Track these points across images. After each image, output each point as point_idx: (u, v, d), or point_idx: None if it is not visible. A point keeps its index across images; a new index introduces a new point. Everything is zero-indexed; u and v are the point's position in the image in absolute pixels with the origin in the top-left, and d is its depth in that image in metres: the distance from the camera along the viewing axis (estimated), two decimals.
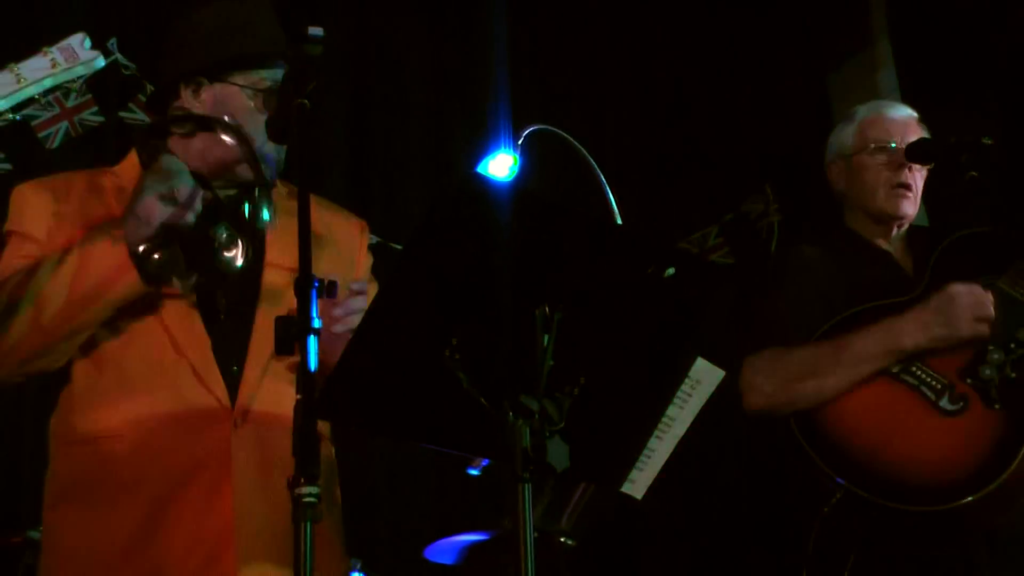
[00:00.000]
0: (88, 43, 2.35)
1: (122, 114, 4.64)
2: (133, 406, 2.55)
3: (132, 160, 2.75)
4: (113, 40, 4.53)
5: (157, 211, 2.43)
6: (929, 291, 3.24)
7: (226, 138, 2.57)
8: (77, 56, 2.33)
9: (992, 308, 3.10)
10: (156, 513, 2.50)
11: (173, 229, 2.45)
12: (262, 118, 2.58)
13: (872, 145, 3.44)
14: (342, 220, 2.85)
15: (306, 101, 2.34)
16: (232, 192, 2.65)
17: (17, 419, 4.04)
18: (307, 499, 2.07)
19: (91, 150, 4.47)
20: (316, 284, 2.15)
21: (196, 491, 2.51)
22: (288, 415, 2.13)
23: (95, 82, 4.36)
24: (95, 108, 4.56)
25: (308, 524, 2.06)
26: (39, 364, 2.56)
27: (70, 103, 4.48)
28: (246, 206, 2.57)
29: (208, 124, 2.57)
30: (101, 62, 2.36)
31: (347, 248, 2.81)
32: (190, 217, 2.46)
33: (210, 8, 2.73)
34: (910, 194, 3.42)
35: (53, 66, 2.31)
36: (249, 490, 2.51)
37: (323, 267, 2.31)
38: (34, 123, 4.43)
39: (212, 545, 2.49)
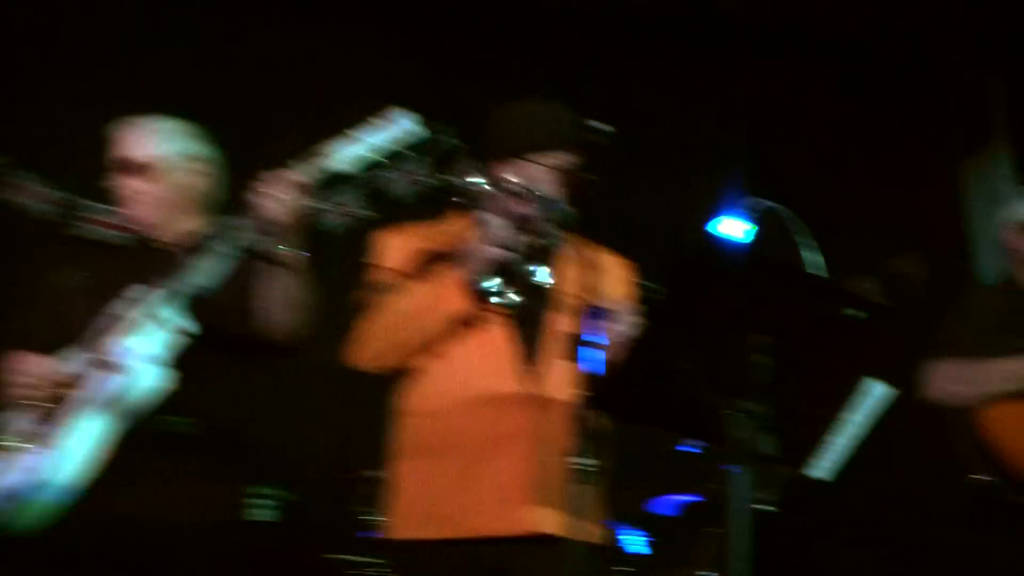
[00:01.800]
0: (407, 117, 3.29)
1: (447, 176, 5.64)
2: (456, 390, 3.43)
3: (460, 216, 3.64)
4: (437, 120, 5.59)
5: (485, 253, 3.34)
6: None
7: (534, 204, 3.41)
8: (398, 127, 3.32)
9: None
10: (470, 469, 3.38)
11: (499, 265, 3.36)
12: (555, 188, 3.46)
13: None
14: (613, 260, 3.67)
15: (593, 176, 3.24)
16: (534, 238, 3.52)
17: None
18: (583, 467, 2.98)
19: (426, 203, 5.48)
20: (595, 310, 3.03)
21: (501, 455, 3.38)
22: (569, 402, 3.11)
23: (427, 150, 5.39)
24: (428, 171, 5.59)
25: (583, 487, 2.98)
26: (392, 362, 3.51)
27: (409, 167, 5.51)
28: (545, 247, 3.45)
29: (529, 194, 3.42)
30: (416, 131, 3.33)
31: (616, 281, 3.62)
32: (511, 256, 3.36)
33: (520, 106, 3.60)
34: None
35: (381, 131, 3.29)
36: (540, 457, 3.35)
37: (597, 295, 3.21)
38: (384, 181, 5.48)
39: (512, 493, 3.34)
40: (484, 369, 3.45)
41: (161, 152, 3.68)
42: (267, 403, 3.71)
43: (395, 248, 3.59)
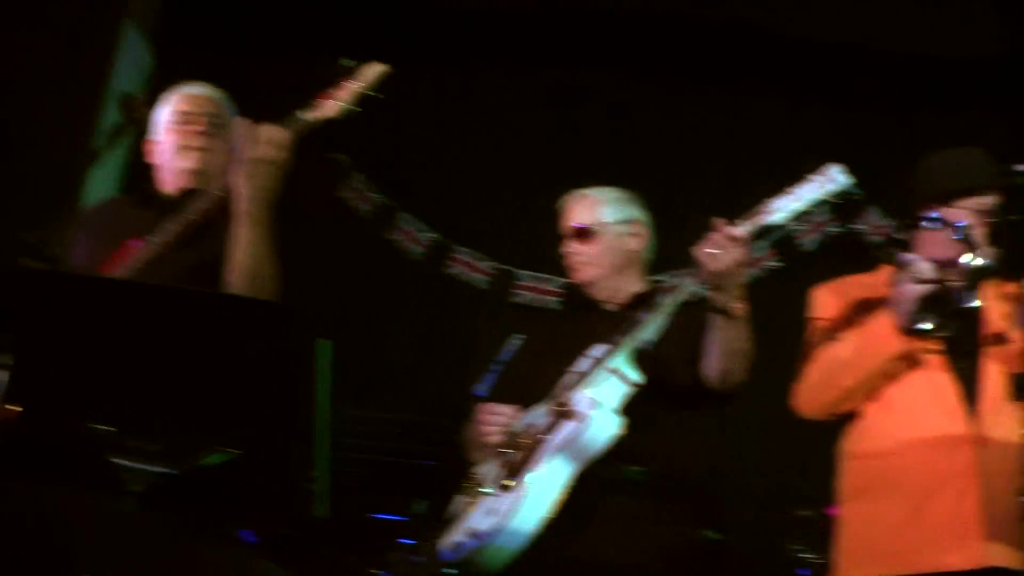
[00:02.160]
0: (840, 172, 3.42)
1: (852, 226, 5.88)
2: (901, 432, 3.56)
3: (883, 271, 3.78)
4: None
5: (913, 293, 3.44)
6: None
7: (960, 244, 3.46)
8: (833, 180, 3.43)
9: None
10: (919, 507, 3.48)
11: (928, 302, 3.45)
12: (979, 230, 3.52)
13: None
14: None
15: (1016, 216, 3.32)
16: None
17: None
18: None
19: (830, 253, 5.70)
20: None
21: (949, 493, 3.46)
22: (1015, 441, 3.18)
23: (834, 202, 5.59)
24: (834, 222, 5.85)
25: None
26: (835, 408, 3.68)
27: (818, 218, 5.79)
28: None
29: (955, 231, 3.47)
30: (847, 184, 3.42)
31: None
32: (938, 292, 3.44)
33: (943, 154, 3.73)
34: None
35: (819, 187, 3.42)
36: (988, 494, 3.41)
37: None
38: (795, 233, 5.76)
39: (963, 529, 3.41)
40: (928, 411, 3.55)
41: (603, 218, 3.96)
42: (708, 448, 3.91)
43: (830, 300, 3.76)
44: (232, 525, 3.32)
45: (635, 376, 3.61)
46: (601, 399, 3.58)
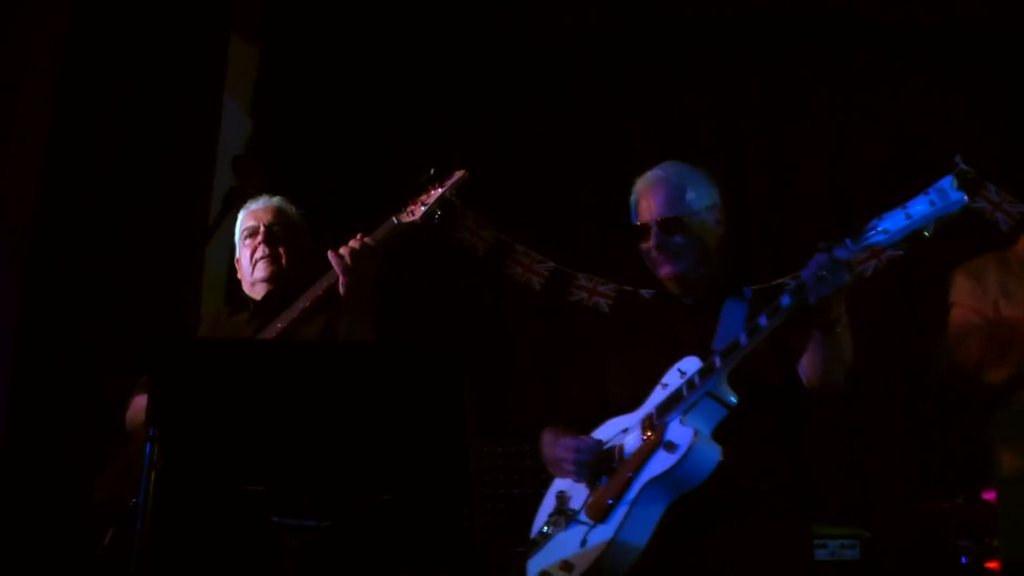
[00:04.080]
0: (952, 184, 3.10)
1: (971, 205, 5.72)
2: None
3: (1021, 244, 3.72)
4: None
5: None
6: None
7: None
8: (945, 195, 3.10)
9: None
10: None
11: None
12: None
13: None
14: None
15: None
16: None
17: None
18: None
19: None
20: None
21: None
22: None
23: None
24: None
25: None
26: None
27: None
28: None
29: None
30: (960, 200, 3.10)
31: None
32: None
33: None
34: None
35: (931, 204, 3.12)
36: None
37: None
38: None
39: None
40: None
41: (690, 205, 3.66)
42: (807, 450, 3.72)
43: (966, 282, 3.71)
44: (390, 571, 3.30)
45: (732, 398, 3.42)
46: (699, 426, 3.38)
